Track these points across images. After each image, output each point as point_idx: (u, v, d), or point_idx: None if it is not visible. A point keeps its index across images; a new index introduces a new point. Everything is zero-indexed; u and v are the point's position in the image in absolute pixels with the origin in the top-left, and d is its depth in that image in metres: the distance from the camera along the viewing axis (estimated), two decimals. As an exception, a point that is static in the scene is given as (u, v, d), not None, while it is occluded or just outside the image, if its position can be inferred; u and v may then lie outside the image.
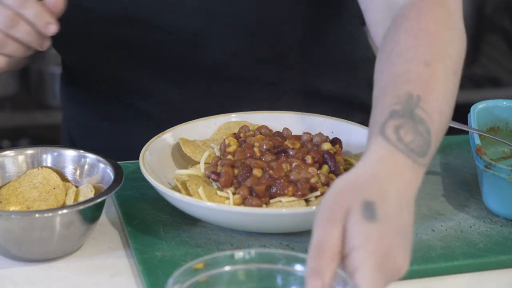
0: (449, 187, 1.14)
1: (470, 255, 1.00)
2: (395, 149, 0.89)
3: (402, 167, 0.89)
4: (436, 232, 1.04)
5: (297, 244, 1.00)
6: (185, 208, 1.00)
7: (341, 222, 0.83)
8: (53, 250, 0.98)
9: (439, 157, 1.22)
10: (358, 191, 0.85)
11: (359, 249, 0.81)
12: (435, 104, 0.94)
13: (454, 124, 1.14)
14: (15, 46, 1.03)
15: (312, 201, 1.01)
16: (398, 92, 0.94)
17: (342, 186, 0.86)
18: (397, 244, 0.83)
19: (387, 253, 0.82)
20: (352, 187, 0.85)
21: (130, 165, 1.15)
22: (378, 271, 0.81)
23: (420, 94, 0.93)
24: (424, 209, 1.09)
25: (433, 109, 0.94)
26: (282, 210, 0.97)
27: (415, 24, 1.01)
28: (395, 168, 0.88)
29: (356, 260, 0.81)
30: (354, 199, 0.84)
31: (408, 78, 0.95)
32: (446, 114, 0.96)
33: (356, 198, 0.84)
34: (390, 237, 0.83)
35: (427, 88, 0.95)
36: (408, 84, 0.95)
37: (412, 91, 0.94)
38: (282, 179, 1.01)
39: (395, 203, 0.85)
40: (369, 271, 0.80)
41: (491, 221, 1.06)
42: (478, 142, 1.09)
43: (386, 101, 0.94)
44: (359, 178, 0.86)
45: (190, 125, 1.16)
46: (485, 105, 1.19)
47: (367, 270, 0.80)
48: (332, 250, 0.81)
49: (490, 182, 1.05)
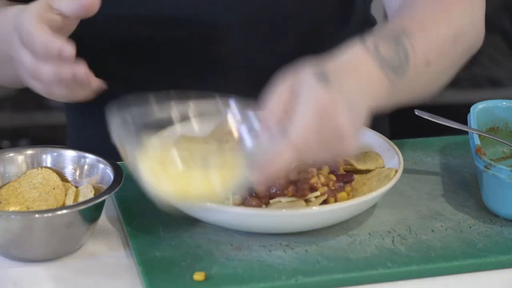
0: (448, 187, 1.14)
1: (470, 255, 0.99)
2: (368, 53, 0.93)
3: (369, 67, 0.92)
4: (435, 232, 1.03)
5: (297, 244, 1.00)
6: (184, 208, 1.00)
7: (292, 88, 0.88)
8: (53, 250, 0.97)
9: (438, 157, 1.22)
10: (316, 65, 0.90)
11: (302, 102, 0.85)
12: (423, 44, 0.97)
13: (454, 124, 1.14)
14: (62, 91, 1.01)
15: (312, 201, 1.01)
16: (392, 26, 0.98)
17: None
18: (344, 109, 0.86)
19: (330, 110, 0.85)
20: (312, 63, 0.91)
21: (130, 165, 1.15)
22: (314, 118, 0.84)
23: (412, 30, 0.97)
24: (423, 209, 1.08)
25: (420, 46, 0.97)
26: (282, 210, 0.97)
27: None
28: (362, 64, 0.92)
29: (296, 110, 0.85)
30: (309, 69, 0.89)
31: (407, 21, 0.99)
32: (433, 64, 0.98)
33: (312, 68, 0.89)
34: (336, 99, 0.86)
35: (421, 29, 0.98)
36: (404, 21, 0.99)
37: (405, 26, 0.97)
38: (282, 179, 1.01)
39: (352, 84, 0.90)
40: (306, 116, 0.84)
41: (491, 221, 1.06)
42: (478, 142, 1.09)
43: (377, 30, 0.99)
44: (322, 61, 0.91)
45: (190, 124, 1.16)
46: (485, 105, 1.19)
47: (304, 115, 0.84)
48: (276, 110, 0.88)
49: (490, 183, 1.05)
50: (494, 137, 1.16)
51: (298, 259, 0.97)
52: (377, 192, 1.00)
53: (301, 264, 0.97)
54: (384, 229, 1.04)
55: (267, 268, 0.96)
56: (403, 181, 1.13)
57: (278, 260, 0.97)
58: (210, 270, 0.95)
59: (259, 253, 0.98)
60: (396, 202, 1.10)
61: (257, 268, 0.95)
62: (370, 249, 1.00)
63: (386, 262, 0.97)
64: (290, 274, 0.95)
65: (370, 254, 0.99)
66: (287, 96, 0.89)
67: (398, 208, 1.08)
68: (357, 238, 1.02)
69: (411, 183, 1.14)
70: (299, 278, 0.94)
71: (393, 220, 1.06)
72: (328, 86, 0.88)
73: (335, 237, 1.02)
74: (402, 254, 0.99)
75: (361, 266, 0.97)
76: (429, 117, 1.14)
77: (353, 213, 1.02)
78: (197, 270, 0.95)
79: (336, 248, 1.00)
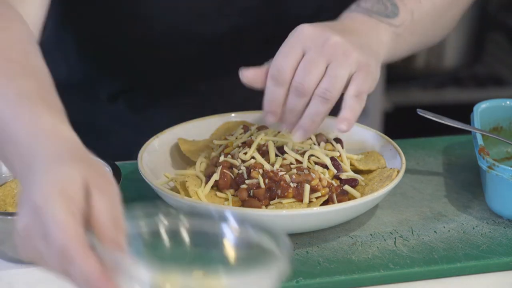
0: (451, 188, 1.13)
1: (473, 256, 0.99)
2: (353, 11, 1.06)
3: (360, 19, 1.05)
4: (438, 234, 1.03)
5: (298, 245, 0.99)
6: (184, 209, 0.99)
7: (301, 51, 0.98)
8: (50, 251, 0.97)
9: (441, 157, 1.21)
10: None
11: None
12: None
13: (457, 124, 1.13)
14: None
15: (313, 202, 1.00)
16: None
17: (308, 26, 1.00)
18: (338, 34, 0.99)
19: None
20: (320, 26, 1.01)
21: (128, 165, 1.14)
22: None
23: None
24: (426, 210, 1.08)
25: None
26: (282, 211, 0.96)
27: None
28: (356, 20, 1.05)
29: None
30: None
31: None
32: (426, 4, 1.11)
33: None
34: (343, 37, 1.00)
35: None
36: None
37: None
38: (282, 181, 1.00)
39: (361, 35, 1.02)
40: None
41: (494, 222, 1.05)
42: (481, 142, 1.08)
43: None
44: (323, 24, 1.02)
45: (189, 125, 1.15)
46: (488, 105, 1.19)
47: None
48: (287, 73, 0.98)
49: (493, 183, 1.04)
50: (498, 136, 1.15)
51: (299, 261, 0.97)
52: (379, 193, 0.99)
53: (302, 265, 0.96)
54: (386, 230, 1.03)
55: (267, 269, 0.95)
56: (405, 182, 1.13)
57: (278, 261, 0.96)
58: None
59: (259, 255, 0.97)
60: (398, 203, 1.09)
61: (257, 270, 0.95)
62: (371, 250, 0.99)
63: (388, 263, 0.96)
64: (291, 275, 0.94)
65: (371, 256, 0.98)
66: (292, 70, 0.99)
67: (400, 209, 1.08)
68: (359, 239, 1.01)
69: (413, 184, 1.14)
70: (300, 280, 0.93)
71: (395, 221, 1.05)
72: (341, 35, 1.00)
73: (336, 238, 1.01)
74: (404, 255, 0.98)
75: (363, 267, 0.96)
76: (432, 116, 1.13)
77: (355, 214, 1.01)
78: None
79: (337, 250, 0.99)
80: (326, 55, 0.98)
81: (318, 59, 0.98)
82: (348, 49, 0.99)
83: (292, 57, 0.99)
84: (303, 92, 0.98)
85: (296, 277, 0.93)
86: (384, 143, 1.12)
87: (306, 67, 0.98)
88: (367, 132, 1.15)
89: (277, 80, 0.99)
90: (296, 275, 0.94)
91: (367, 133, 1.14)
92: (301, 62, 0.99)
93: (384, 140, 1.12)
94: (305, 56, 0.99)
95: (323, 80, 0.98)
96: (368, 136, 1.14)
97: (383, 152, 1.11)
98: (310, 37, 0.99)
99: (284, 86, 0.99)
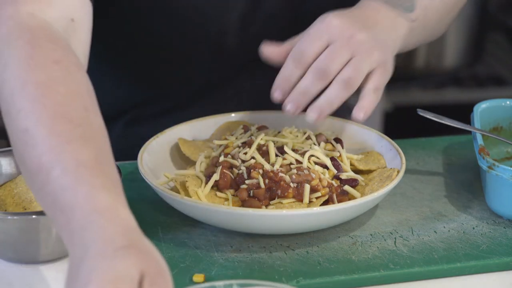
0: (451, 188, 1.13)
1: (473, 256, 0.99)
2: (380, 2, 1.07)
3: (383, 11, 1.07)
4: (438, 234, 1.03)
5: (298, 245, 0.99)
6: (184, 209, 0.99)
7: (327, 41, 1.01)
8: (50, 251, 0.97)
9: (441, 157, 1.21)
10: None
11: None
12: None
13: (457, 124, 1.13)
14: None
15: (313, 202, 1.00)
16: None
17: (336, 18, 1.03)
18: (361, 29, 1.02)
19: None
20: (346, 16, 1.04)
21: (128, 165, 1.14)
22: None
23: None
24: (426, 210, 1.08)
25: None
26: (282, 211, 0.96)
27: None
28: (378, 11, 1.07)
29: None
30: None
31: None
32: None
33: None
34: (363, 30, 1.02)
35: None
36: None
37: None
38: (282, 181, 1.00)
39: (382, 29, 1.05)
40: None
41: (494, 222, 1.05)
42: (481, 142, 1.08)
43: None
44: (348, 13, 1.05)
45: (189, 125, 1.15)
46: (488, 105, 1.18)
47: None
48: (310, 57, 1.00)
49: (493, 183, 1.04)
50: (498, 137, 1.15)
51: (299, 261, 0.96)
52: (379, 193, 0.99)
53: (302, 265, 0.96)
54: (386, 230, 1.03)
55: (267, 269, 0.95)
56: (405, 182, 1.13)
57: (278, 261, 0.96)
58: (210, 272, 0.94)
59: (259, 255, 0.97)
60: (398, 203, 1.09)
61: (257, 270, 0.95)
62: (371, 250, 0.99)
63: (388, 263, 0.96)
64: (291, 275, 0.94)
65: (371, 256, 0.98)
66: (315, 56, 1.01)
67: (400, 209, 1.08)
68: (359, 239, 1.01)
69: (413, 184, 1.14)
70: (300, 279, 0.93)
71: (395, 221, 1.05)
72: (365, 30, 1.03)
73: (336, 238, 1.01)
74: (404, 255, 0.98)
75: (363, 267, 0.96)
76: (432, 116, 1.13)
77: (355, 214, 1.01)
78: (196, 271, 0.94)
79: (338, 250, 0.99)
80: (351, 49, 1.01)
81: (343, 51, 1.00)
82: (372, 48, 1.02)
83: (317, 44, 1.01)
84: (325, 75, 1.00)
85: (296, 277, 0.93)
86: (384, 143, 1.12)
87: (330, 55, 1.00)
88: (367, 132, 1.15)
89: (298, 61, 1.01)
90: (296, 275, 0.94)
91: (367, 133, 1.14)
92: (325, 50, 1.01)
93: (384, 140, 1.12)
94: (330, 46, 1.01)
95: (347, 68, 1.00)
96: (368, 136, 1.14)
97: (383, 152, 1.11)
98: (337, 29, 1.02)
99: (303, 69, 1.01)
